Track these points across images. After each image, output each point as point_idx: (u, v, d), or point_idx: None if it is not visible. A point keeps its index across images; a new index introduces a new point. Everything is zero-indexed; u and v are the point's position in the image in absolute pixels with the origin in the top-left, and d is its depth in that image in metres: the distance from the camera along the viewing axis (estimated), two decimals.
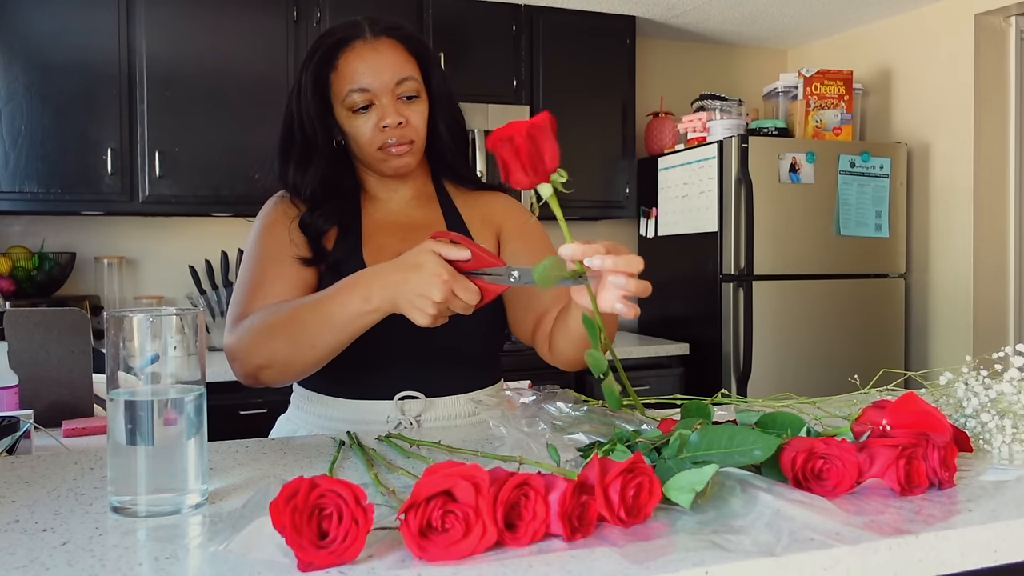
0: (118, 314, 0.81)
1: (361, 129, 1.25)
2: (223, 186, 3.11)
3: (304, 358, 1.12)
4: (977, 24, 3.44)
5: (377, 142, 1.25)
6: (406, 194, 1.37)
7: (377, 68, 1.24)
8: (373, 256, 1.29)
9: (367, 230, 1.32)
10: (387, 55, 1.25)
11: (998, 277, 3.54)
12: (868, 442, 0.87)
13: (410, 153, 1.28)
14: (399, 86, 1.25)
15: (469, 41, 3.45)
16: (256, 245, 1.30)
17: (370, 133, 1.25)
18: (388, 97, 1.24)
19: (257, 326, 1.15)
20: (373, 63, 1.24)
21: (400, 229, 1.34)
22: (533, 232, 1.36)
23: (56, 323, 1.73)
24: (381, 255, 1.30)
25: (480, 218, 1.37)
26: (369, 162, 1.30)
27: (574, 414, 1.01)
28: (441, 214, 1.36)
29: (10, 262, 3.03)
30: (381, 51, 1.25)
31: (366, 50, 1.24)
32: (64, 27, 2.94)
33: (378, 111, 1.24)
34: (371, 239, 1.32)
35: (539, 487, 0.71)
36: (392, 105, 1.24)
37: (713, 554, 0.68)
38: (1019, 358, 1.03)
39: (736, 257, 3.31)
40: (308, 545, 0.65)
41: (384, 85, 1.24)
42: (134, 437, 0.81)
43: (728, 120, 3.48)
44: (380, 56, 1.24)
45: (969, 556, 0.76)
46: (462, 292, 0.98)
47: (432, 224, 1.35)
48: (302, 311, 1.10)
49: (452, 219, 1.36)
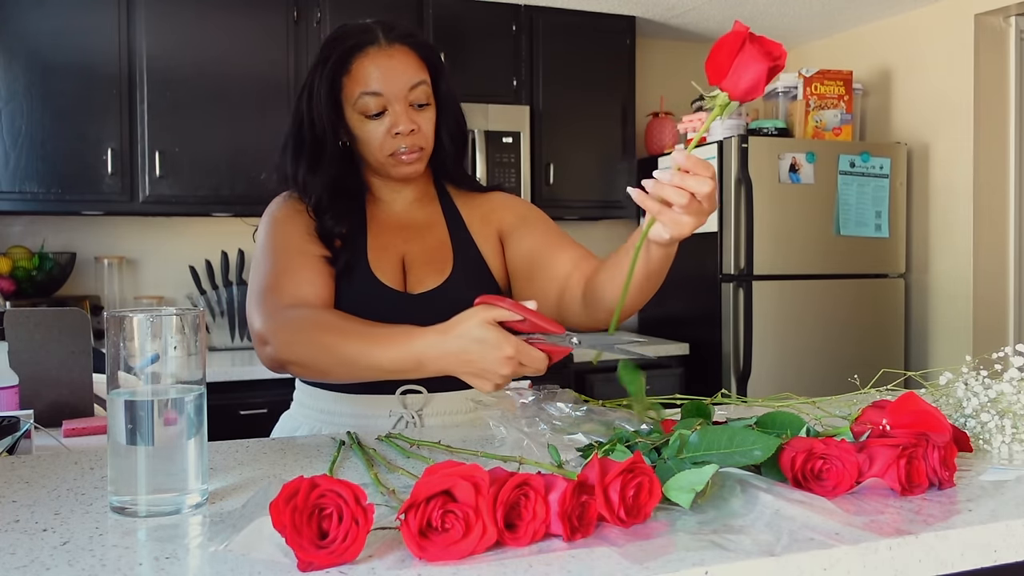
0: (118, 314, 0.81)
1: (373, 134, 1.27)
2: (223, 186, 3.11)
3: (338, 375, 1.14)
4: (977, 24, 3.44)
5: (388, 148, 1.27)
6: (409, 195, 1.39)
7: (391, 74, 1.25)
8: (377, 256, 1.32)
9: (372, 231, 1.35)
10: (401, 61, 1.26)
11: (998, 277, 3.54)
12: (868, 442, 0.87)
13: (419, 160, 1.30)
14: (411, 92, 1.26)
15: (469, 41, 3.45)
16: (273, 236, 1.30)
17: (382, 138, 1.27)
18: (401, 104, 1.25)
19: (306, 328, 1.14)
20: (387, 69, 1.25)
21: (404, 229, 1.36)
22: (532, 218, 1.38)
23: (56, 323, 1.73)
24: (386, 254, 1.33)
25: (480, 217, 1.39)
26: (378, 166, 1.32)
27: (574, 414, 1.01)
28: (442, 214, 1.39)
29: (10, 262, 3.03)
30: (395, 57, 1.26)
31: (381, 56, 1.25)
32: (64, 27, 2.94)
33: (391, 117, 1.26)
34: (376, 239, 1.34)
35: (539, 487, 0.71)
36: (405, 112, 1.26)
37: (713, 554, 0.68)
38: (1019, 358, 1.03)
39: (736, 257, 3.31)
40: (308, 545, 0.65)
41: (397, 91, 1.25)
42: (134, 437, 0.81)
43: (728, 120, 3.47)
44: (394, 62, 1.26)
45: (969, 556, 0.76)
46: (529, 361, 0.98)
47: (435, 224, 1.37)
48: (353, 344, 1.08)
49: (452, 219, 1.38)
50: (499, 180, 3.41)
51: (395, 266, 1.33)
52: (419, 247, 1.35)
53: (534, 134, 3.52)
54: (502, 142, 3.43)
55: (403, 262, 1.34)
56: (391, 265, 1.32)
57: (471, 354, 0.98)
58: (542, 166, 3.54)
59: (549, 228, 1.36)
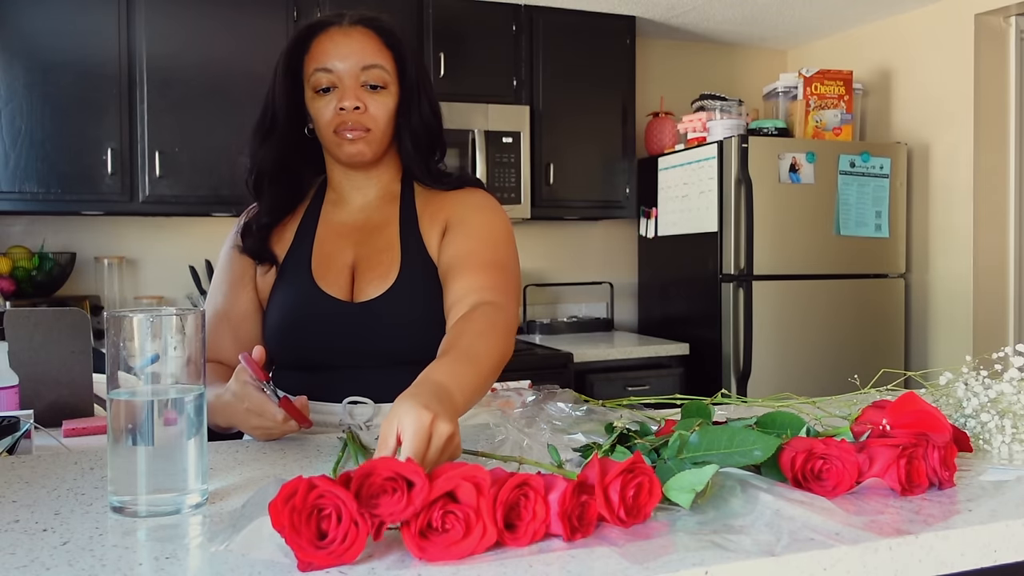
0: (118, 314, 0.81)
1: (322, 111, 1.27)
2: (223, 186, 3.10)
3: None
4: (977, 24, 3.44)
5: (334, 124, 1.27)
6: (370, 193, 1.36)
7: (345, 52, 1.26)
8: (322, 264, 1.31)
9: (320, 236, 1.34)
10: (358, 41, 1.27)
11: (998, 277, 3.54)
12: (868, 442, 0.87)
13: (364, 141, 1.27)
14: (364, 72, 1.26)
15: (469, 41, 3.45)
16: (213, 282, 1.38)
17: (330, 115, 1.27)
18: (351, 81, 1.26)
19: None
20: (343, 46, 1.26)
21: (355, 232, 1.33)
22: (470, 222, 1.30)
23: (56, 323, 1.73)
24: (330, 263, 1.31)
25: (431, 214, 1.33)
26: (327, 145, 1.32)
27: (574, 414, 1.02)
28: (398, 215, 1.34)
29: (10, 262, 3.03)
30: (353, 36, 1.27)
31: (338, 35, 1.27)
32: (64, 27, 2.94)
33: (339, 92, 1.26)
34: (322, 247, 1.33)
35: (539, 487, 0.71)
36: (353, 89, 1.26)
37: (713, 554, 0.68)
38: (1019, 358, 1.03)
39: (736, 257, 3.31)
40: (307, 545, 0.65)
41: (349, 69, 1.25)
42: (134, 437, 0.81)
43: (728, 120, 3.47)
44: (350, 41, 1.27)
45: (969, 556, 0.76)
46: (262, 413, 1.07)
47: (387, 225, 1.33)
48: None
49: (406, 219, 1.33)
50: (499, 180, 3.41)
51: (341, 273, 1.30)
52: (367, 251, 1.31)
53: (534, 134, 3.52)
54: (502, 142, 3.43)
55: (352, 268, 1.30)
56: (337, 273, 1.29)
57: (231, 407, 1.09)
58: (542, 166, 3.54)
59: (476, 241, 1.27)
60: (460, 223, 1.30)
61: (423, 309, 1.27)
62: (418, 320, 1.26)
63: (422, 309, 1.27)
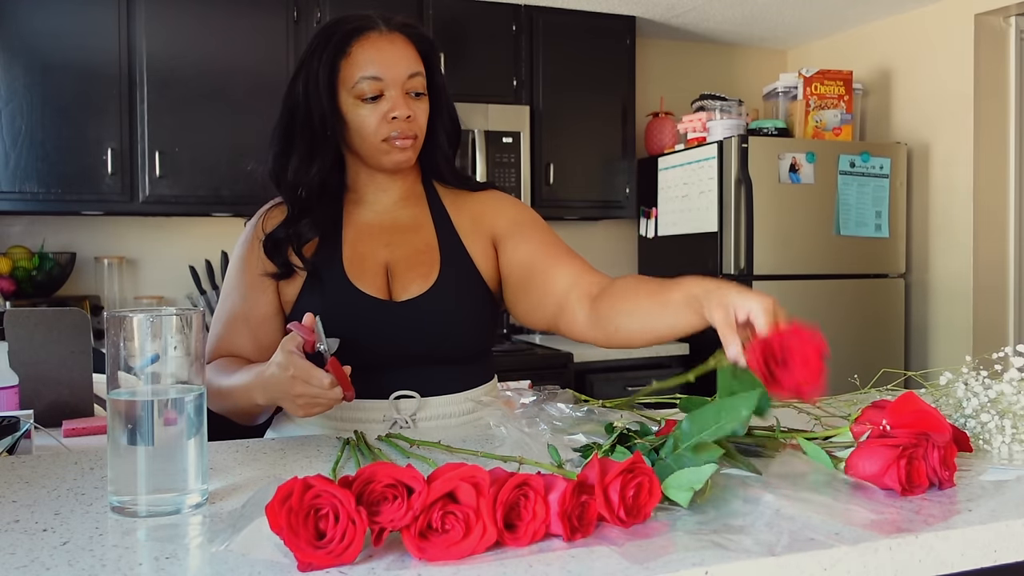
0: (118, 314, 0.81)
1: (367, 119, 1.24)
2: (223, 186, 3.10)
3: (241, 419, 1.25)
4: (977, 24, 3.44)
5: (383, 133, 1.25)
6: (394, 194, 1.35)
7: (391, 60, 1.24)
8: (356, 264, 1.29)
9: (348, 238, 1.31)
10: (401, 48, 1.26)
11: (998, 277, 3.54)
12: (868, 442, 0.87)
13: (412, 148, 1.28)
14: (410, 80, 1.25)
15: (469, 41, 3.45)
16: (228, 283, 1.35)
17: (376, 123, 1.24)
18: (398, 90, 1.24)
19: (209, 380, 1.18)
20: (388, 54, 1.24)
21: (385, 232, 1.32)
22: (528, 223, 1.34)
23: (56, 323, 1.73)
24: (366, 261, 1.29)
25: (470, 218, 1.35)
26: (369, 154, 1.28)
27: (574, 414, 1.02)
28: (429, 214, 1.35)
29: (10, 262, 3.03)
30: (396, 43, 1.26)
31: (381, 41, 1.25)
32: (64, 27, 2.94)
33: (388, 102, 1.24)
34: (354, 248, 1.30)
35: (539, 487, 0.71)
36: (402, 98, 1.25)
37: (713, 554, 0.68)
38: (1019, 358, 1.03)
39: (736, 257, 3.31)
40: (305, 546, 0.65)
41: (396, 77, 1.24)
42: (134, 437, 0.81)
43: (728, 120, 3.47)
44: (395, 48, 1.25)
45: (969, 556, 0.76)
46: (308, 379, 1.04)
47: (420, 225, 1.33)
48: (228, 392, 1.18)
49: (440, 220, 1.34)
50: (499, 180, 3.41)
51: (377, 273, 1.29)
52: (404, 251, 1.31)
53: (534, 134, 3.52)
54: (502, 142, 3.43)
55: (387, 268, 1.30)
56: (372, 272, 1.29)
57: (275, 378, 1.06)
58: (542, 166, 3.54)
59: (546, 237, 1.32)
60: (516, 227, 1.33)
61: (465, 307, 1.30)
62: (459, 317, 1.29)
63: (465, 307, 1.30)
